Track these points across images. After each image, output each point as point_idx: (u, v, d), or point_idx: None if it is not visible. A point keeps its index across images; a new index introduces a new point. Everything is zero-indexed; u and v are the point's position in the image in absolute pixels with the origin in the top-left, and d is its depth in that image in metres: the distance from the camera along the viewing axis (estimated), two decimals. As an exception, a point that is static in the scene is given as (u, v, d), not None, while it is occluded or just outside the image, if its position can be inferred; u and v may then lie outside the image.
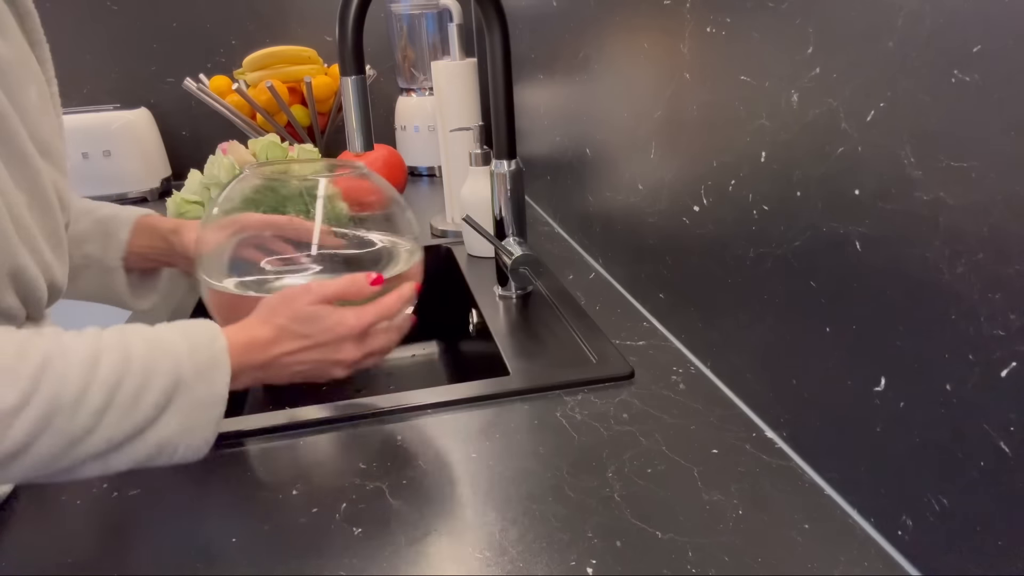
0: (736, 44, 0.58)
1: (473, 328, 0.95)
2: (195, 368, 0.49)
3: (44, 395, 0.43)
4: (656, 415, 0.63)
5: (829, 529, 0.49)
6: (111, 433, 0.46)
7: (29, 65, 0.56)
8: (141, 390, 0.47)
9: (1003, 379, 0.37)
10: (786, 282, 0.55)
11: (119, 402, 0.46)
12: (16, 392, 0.42)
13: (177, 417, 0.48)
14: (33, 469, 0.44)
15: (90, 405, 0.45)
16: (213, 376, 0.50)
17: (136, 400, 0.47)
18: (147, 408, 0.47)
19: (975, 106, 0.37)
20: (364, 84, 0.76)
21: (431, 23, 1.60)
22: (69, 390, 0.44)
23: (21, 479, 0.48)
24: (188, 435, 0.49)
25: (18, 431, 0.42)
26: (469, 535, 0.50)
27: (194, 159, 1.63)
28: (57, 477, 0.46)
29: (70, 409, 0.44)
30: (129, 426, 0.46)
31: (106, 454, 0.46)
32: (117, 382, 0.46)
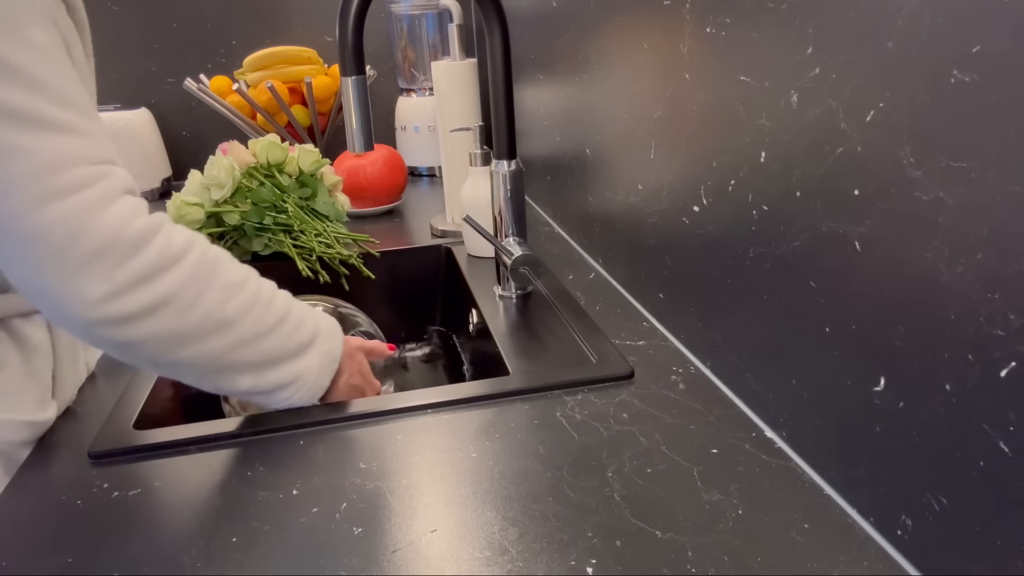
0: (736, 44, 0.58)
1: (473, 328, 0.95)
2: (329, 330, 0.65)
3: (253, 286, 0.58)
4: (656, 415, 0.63)
5: (828, 529, 0.49)
6: (281, 343, 0.59)
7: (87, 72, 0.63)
8: (302, 321, 0.62)
9: (1003, 379, 0.37)
10: (786, 282, 0.55)
11: (290, 321, 0.60)
12: (238, 274, 0.57)
13: (316, 358, 0.63)
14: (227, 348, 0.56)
15: (275, 311, 0.59)
16: (336, 339, 0.66)
17: (299, 325, 0.61)
18: (304, 335, 0.61)
19: (975, 106, 0.37)
20: (364, 84, 0.76)
21: (431, 23, 1.60)
22: (266, 292, 0.59)
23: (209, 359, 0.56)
24: (316, 376, 0.63)
25: (235, 304, 0.56)
26: (469, 535, 0.50)
27: (194, 159, 1.63)
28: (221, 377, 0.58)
29: (264, 306, 0.58)
30: (290, 345, 0.60)
31: (267, 366, 0.59)
32: (288, 309, 0.61)
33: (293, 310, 0.61)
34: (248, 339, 0.57)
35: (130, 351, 0.54)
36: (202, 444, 0.62)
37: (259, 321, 0.57)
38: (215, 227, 1.06)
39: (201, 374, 0.58)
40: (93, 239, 0.49)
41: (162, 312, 0.52)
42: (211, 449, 0.61)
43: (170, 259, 0.52)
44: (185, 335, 0.53)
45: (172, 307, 0.52)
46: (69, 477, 0.59)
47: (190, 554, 0.50)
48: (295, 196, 1.08)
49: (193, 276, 0.53)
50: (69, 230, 0.48)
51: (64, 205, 0.48)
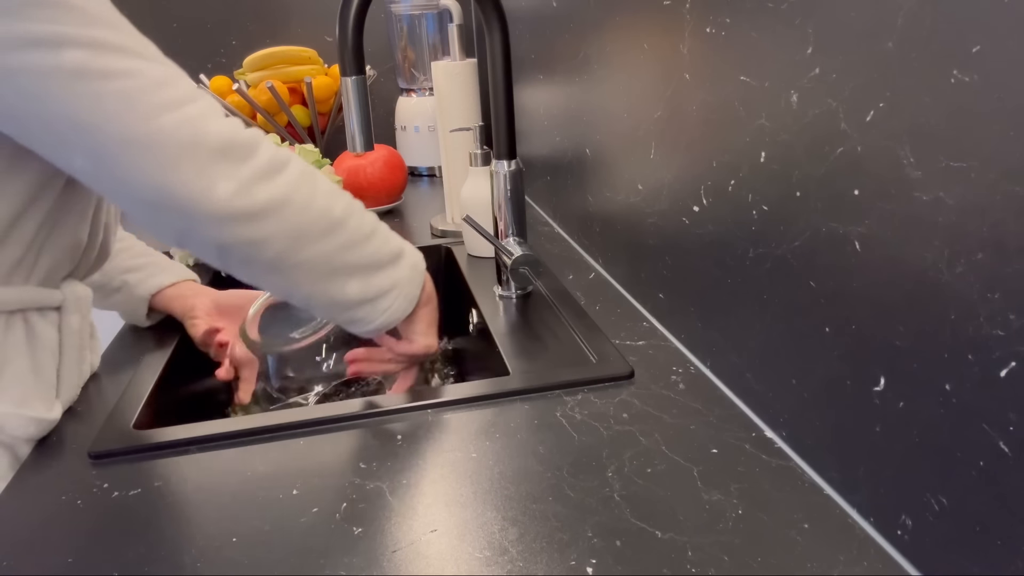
0: (736, 44, 0.58)
1: (473, 328, 0.95)
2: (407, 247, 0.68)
3: (347, 196, 0.62)
4: (656, 415, 0.63)
5: (828, 529, 0.49)
6: (379, 248, 0.63)
7: None
8: (388, 237, 0.65)
9: (1003, 379, 0.37)
10: (786, 282, 0.55)
11: (380, 233, 0.64)
12: (329, 185, 0.60)
13: (407, 268, 0.66)
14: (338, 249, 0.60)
15: (369, 220, 0.63)
16: (417, 254, 0.70)
17: (386, 241, 0.65)
18: (393, 246, 0.65)
19: (975, 106, 0.37)
20: (364, 84, 0.76)
21: (431, 23, 1.59)
22: (357, 204, 0.63)
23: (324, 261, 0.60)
24: (408, 283, 0.66)
25: (340, 205, 0.60)
26: (469, 535, 0.50)
27: (194, 159, 1.62)
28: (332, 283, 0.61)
29: (360, 214, 0.62)
30: (388, 250, 0.64)
31: (370, 271, 0.63)
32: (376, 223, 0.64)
33: (379, 226, 0.64)
34: (356, 241, 0.61)
35: (257, 251, 0.57)
36: (202, 444, 0.62)
37: (360, 225, 0.61)
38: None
39: (316, 279, 0.60)
40: (215, 139, 0.53)
41: (285, 209, 0.56)
42: (211, 449, 0.61)
43: (281, 162, 0.56)
44: (305, 232, 0.57)
45: (293, 204, 0.56)
46: (69, 477, 0.59)
47: (190, 554, 0.50)
48: None
49: (302, 179, 0.57)
50: (192, 132, 0.52)
51: (183, 112, 0.52)
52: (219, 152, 0.53)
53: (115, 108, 0.50)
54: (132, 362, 0.79)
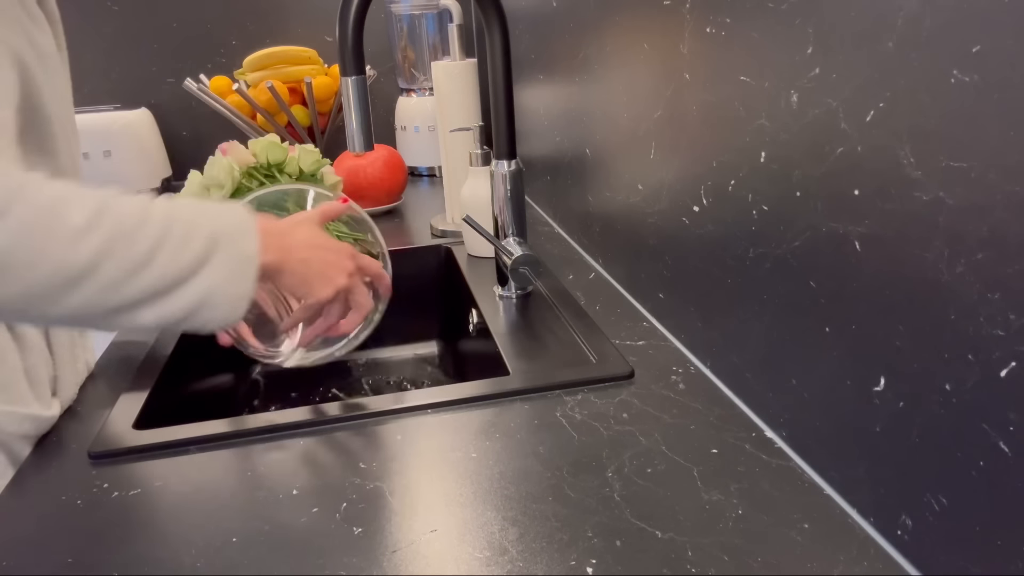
0: (736, 44, 0.58)
1: (473, 328, 0.95)
2: (233, 228, 0.54)
3: (108, 221, 0.48)
4: (656, 415, 0.63)
5: (829, 529, 0.49)
6: (165, 270, 0.50)
7: (58, 61, 0.65)
8: (189, 234, 0.51)
9: (1003, 379, 0.37)
10: (786, 282, 0.55)
11: (172, 237, 0.50)
12: (84, 214, 0.47)
13: (220, 269, 0.52)
14: (98, 294, 0.48)
15: (148, 235, 0.49)
16: (246, 238, 0.55)
17: (186, 240, 0.51)
18: (195, 250, 0.51)
19: (975, 106, 0.37)
20: (364, 84, 0.76)
21: (431, 23, 1.59)
22: (129, 221, 0.49)
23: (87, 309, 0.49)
24: (229, 286, 0.53)
25: (86, 249, 0.47)
26: (469, 535, 0.50)
27: (194, 159, 1.62)
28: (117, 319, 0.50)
29: (129, 237, 0.49)
30: (180, 266, 0.51)
31: (161, 296, 0.50)
32: (169, 223, 0.51)
33: (175, 226, 0.51)
34: (119, 279, 0.48)
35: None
36: (202, 444, 0.62)
37: (128, 254, 0.49)
38: (215, 227, 1.06)
39: (93, 322, 0.51)
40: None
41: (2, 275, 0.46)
42: (211, 449, 0.61)
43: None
44: (41, 294, 0.47)
45: (10, 270, 0.45)
46: (69, 477, 0.59)
47: (190, 554, 0.50)
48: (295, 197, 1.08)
49: (22, 231, 0.45)
50: None
51: None
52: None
53: None
54: (132, 362, 0.79)
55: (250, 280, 0.55)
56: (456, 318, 1.06)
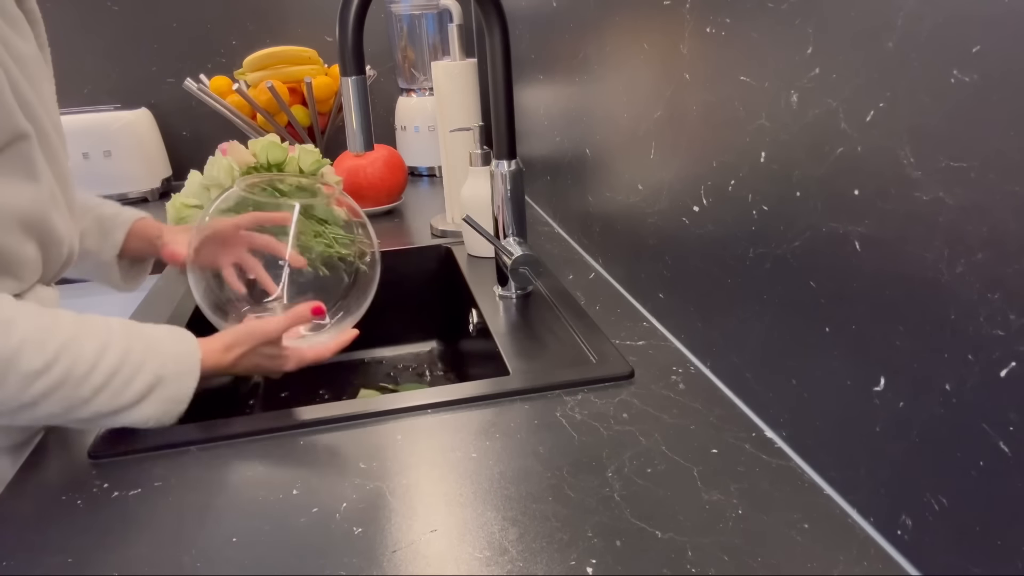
0: (736, 44, 0.58)
1: (473, 328, 0.95)
2: (175, 370, 0.62)
3: (61, 367, 0.55)
4: (656, 415, 0.63)
5: (829, 529, 0.49)
6: (101, 408, 0.58)
7: (41, 63, 0.65)
8: (132, 378, 0.59)
9: (1003, 379, 0.37)
10: (786, 282, 0.55)
11: (114, 385, 0.58)
12: (42, 360, 0.54)
13: (153, 406, 0.61)
14: (34, 420, 0.57)
15: (92, 383, 0.57)
16: (186, 380, 0.62)
17: (127, 386, 0.59)
18: (133, 394, 0.59)
19: (975, 106, 0.37)
20: (364, 84, 0.76)
21: (431, 23, 1.60)
22: (80, 368, 0.56)
23: (20, 423, 0.59)
24: (156, 421, 0.62)
25: (35, 390, 0.54)
26: (469, 535, 0.50)
27: (194, 159, 1.63)
28: (70, 423, 0.59)
29: (76, 383, 0.56)
30: (116, 405, 0.59)
31: (92, 420, 0.59)
32: (115, 370, 0.58)
33: (123, 369, 0.58)
34: (58, 412, 0.57)
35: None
36: (202, 444, 0.62)
37: (70, 397, 0.56)
38: (215, 227, 1.06)
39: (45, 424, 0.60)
40: None
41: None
42: (211, 449, 0.61)
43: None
44: None
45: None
46: (69, 477, 0.59)
47: (190, 554, 0.50)
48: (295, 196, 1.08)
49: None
50: None
51: None
52: None
53: None
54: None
55: (176, 416, 0.63)
56: (456, 318, 1.06)
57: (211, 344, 0.66)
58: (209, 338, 0.67)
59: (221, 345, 0.67)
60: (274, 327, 0.69)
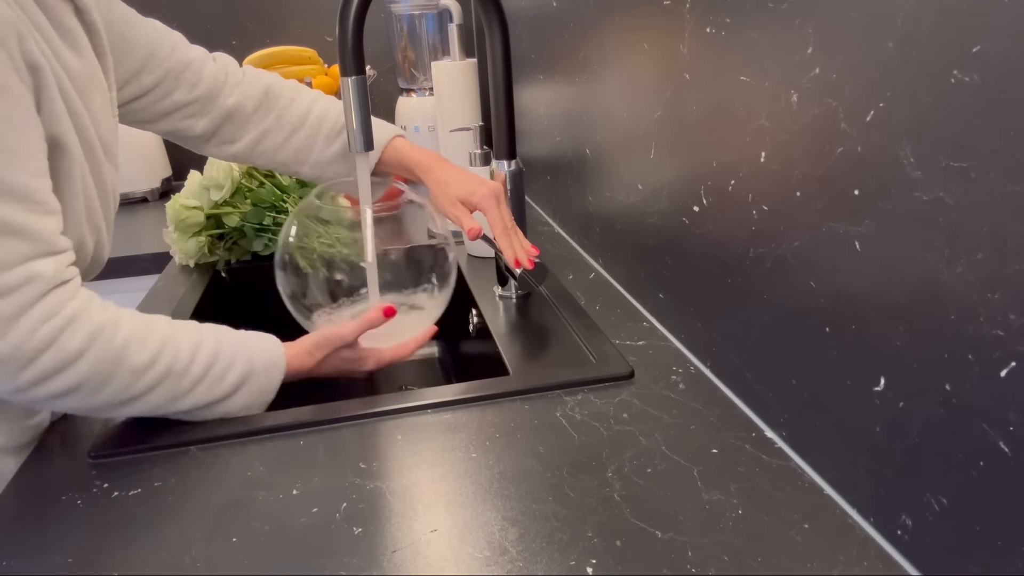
0: (736, 44, 0.58)
1: (473, 328, 0.95)
2: (263, 365, 0.66)
3: (164, 362, 0.59)
4: (656, 415, 0.63)
5: (829, 529, 0.49)
6: (199, 400, 0.62)
7: (96, 75, 0.65)
8: (226, 371, 0.63)
9: (1003, 379, 0.37)
10: (786, 282, 0.55)
11: (210, 377, 0.62)
12: (146, 356, 0.58)
13: (244, 398, 0.65)
14: (139, 412, 0.61)
15: (192, 375, 0.61)
16: (273, 373, 0.67)
17: (222, 378, 0.63)
18: (227, 386, 0.63)
19: (975, 106, 0.37)
20: (364, 84, 0.76)
21: (431, 23, 1.59)
22: (180, 363, 0.60)
23: (137, 414, 0.62)
24: (247, 408, 0.66)
25: (142, 384, 0.58)
26: (469, 535, 0.50)
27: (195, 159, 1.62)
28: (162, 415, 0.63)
29: (178, 376, 0.60)
30: (212, 396, 0.63)
31: (190, 412, 0.63)
32: (211, 363, 0.62)
33: (217, 363, 0.62)
34: (162, 403, 0.60)
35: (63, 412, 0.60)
36: (202, 444, 0.62)
37: (172, 389, 0.60)
38: (214, 228, 1.06)
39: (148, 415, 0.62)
40: None
41: (71, 396, 0.56)
42: (211, 449, 0.61)
43: (68, 360, 0.55)
44: (100, 408, 0.59)
45: (78, 393, 0.56)
46: (69, 477, 0.59)
47: (190, 554, 0.50)
48: (295, 196, 1.08)
49: (94, 370, 0.56)
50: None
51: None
52: None
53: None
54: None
55: (264, 406, 0.67)
56: (456, 318, 1.06)
57: (295, 347, 0.70)
58: (294, 342, 0.71)
59: (304, 349, 0.70)
60: (349, 332, 0.72)
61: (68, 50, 0.60)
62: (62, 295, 0.55)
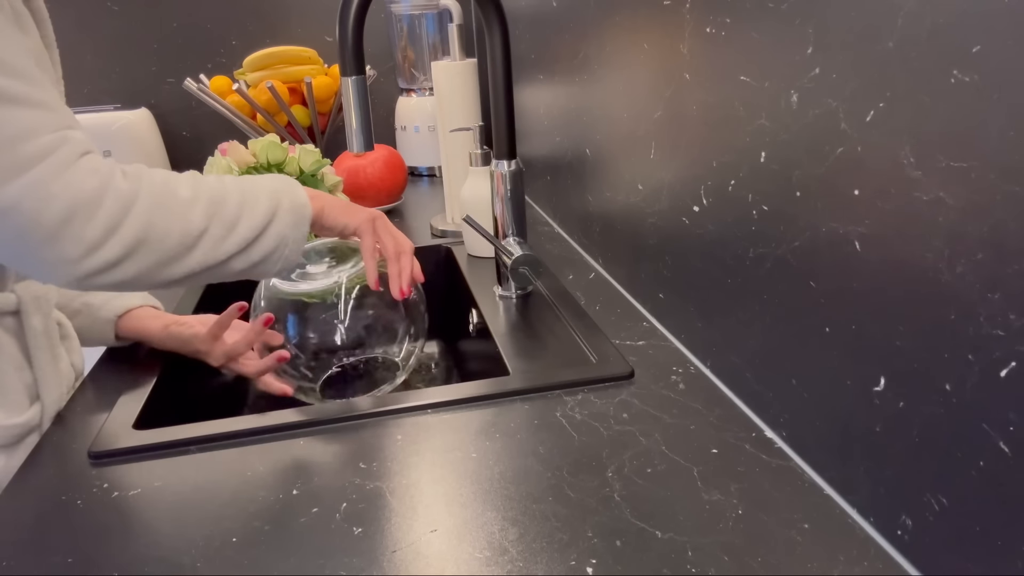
0: (736, 44, 0.58)
1: (473, 328, 0.95)
2: (283, 185, 0.66)
3: (204, 192, 0.60)
4: (656, 415, 0.63)
5: (829, 529, 0.49)
6: (251, 223, 0.61)
7: (44, 61, 0.64)
8: (256, 195, 0.63)
9: (1003, 379, 0.37)
10: (786, 282, 0.55)
11: (247, 198, 0.62)
12: (187, 188, 0.59)
13: (286, 218, 0.64)
14: (208, 252, 0.59)
15: (232, 200, 0.61)
16: (296, 191, 0.67)
17: (256, 200, 0.63)
18: (265, 206, 0.63)
19: (975, 106, 0.37)
20: (364, 84, 0.76)
21: (431, 23, 1.59)
22: (216, 190, 0.61)
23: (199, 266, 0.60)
24: (295, 230, 0.65)
25: (197, 216, 0.58)
26: (469, 535, 0.50)
27: (194, 159, 1.63)
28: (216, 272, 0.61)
29: (221, 203, 0.60)
30: (259, 219, 0.62)
31: (249, 246, 0.62)
32: (240, 189, 0.62)
33: (244, 191, 0.63)
34: (223, 236, 0.60)
35: (127, 287, 0.58)
36: (202, 444, 0.62)
37: (225, 218, 0.60)
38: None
39: (197, 279, 0.61)
40: (59, 205, 0.52)
41: (141, 250, 0.56)
42: (211, 449, 0.61)
43: (127, 202, 0.55)
44: (169, 259, 0.58)
45: (149, 241, 0.56)
46: (69, 477, 0.59)
47: (190, 554, 0.50)
48: None
49: (153, 209, 0.56)
50: (37, 201, 0.52)
51: (29, 177, 0.51)
52: (64, 219, 0.52)
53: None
54: (131, 362, 0.79)
55: (306, 223, 0.66)
56: (456, 318, 1.06)
57: None
58: None
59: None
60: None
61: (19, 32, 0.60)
62: (96, 158, 0.55)
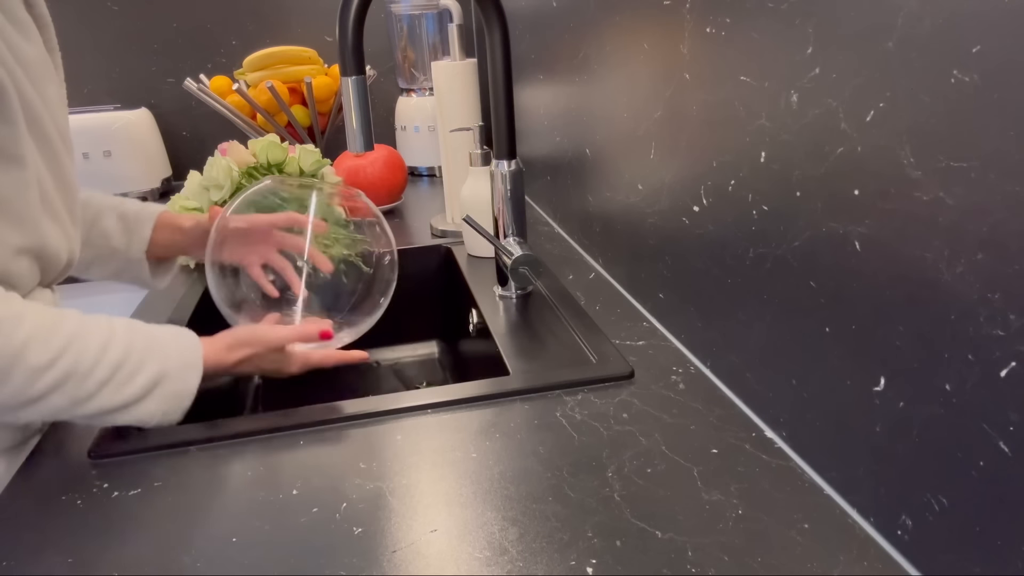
0: (736, 44, 0.58)
1: (473, 328, 0.95)
2: (178, 366, 0.62)
3: (66, 362, 0.56)
4: (656, 415, 0.63)
5: (829, 529, 0.49)
6: (105, 403, 0.58)
7: (48, 67, 0.65)
8: (135, 373, 0.59)
9: (1003, 379, 0.37)
10: (786, 282, 0.55)
11: (117, 379, 0.58)
12: (47, 355, 0.55)
13: (156, 402, 0.61)
14: (40, 416, 0.57)
15: (96, 377, 0.57)
16: (189, 376, 0.63)
17: (130, 380, 0.59)
18: (136, 389, 0.59)
19: (975, 106, 0.37)
20: (364, 84, 0.76)
21: (431, 23, 1.60)
22: (84, 363, 0.57)
23: (26, 419, 0.58)
24: (162, 417, 0.62)
25: (41, 385, 0.55)
26: (469, 535, 0.50)
27: (194, 159, 1.63)
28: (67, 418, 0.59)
29: (81, 378, 0.57)
30: (120, 400, 0.59)
31: (97, 416, 0.59)
32: (119, 365, 0.58)
33: (126, 364, 0.59)
34: (65, 407, 0.57)
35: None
36: (202, 444, 0.62)
37: (75, 391, 0.56)
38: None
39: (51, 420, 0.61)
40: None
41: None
42: (211, 449, 0.61)
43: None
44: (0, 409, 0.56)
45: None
46: (69, 477, 0.59)
47: (190, 554, 0.50)
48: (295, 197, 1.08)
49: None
50: None
51: None
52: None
53: None
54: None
55: (181, 411, 0.63)
56: (456, 318, 1.06)
57: (214, 343, 0.66)
58: (212, 337, 0.67)
59: (224, 345, 0.67)
60: (280, 337, 0.69)
61: (23, 40, 0.61)
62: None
